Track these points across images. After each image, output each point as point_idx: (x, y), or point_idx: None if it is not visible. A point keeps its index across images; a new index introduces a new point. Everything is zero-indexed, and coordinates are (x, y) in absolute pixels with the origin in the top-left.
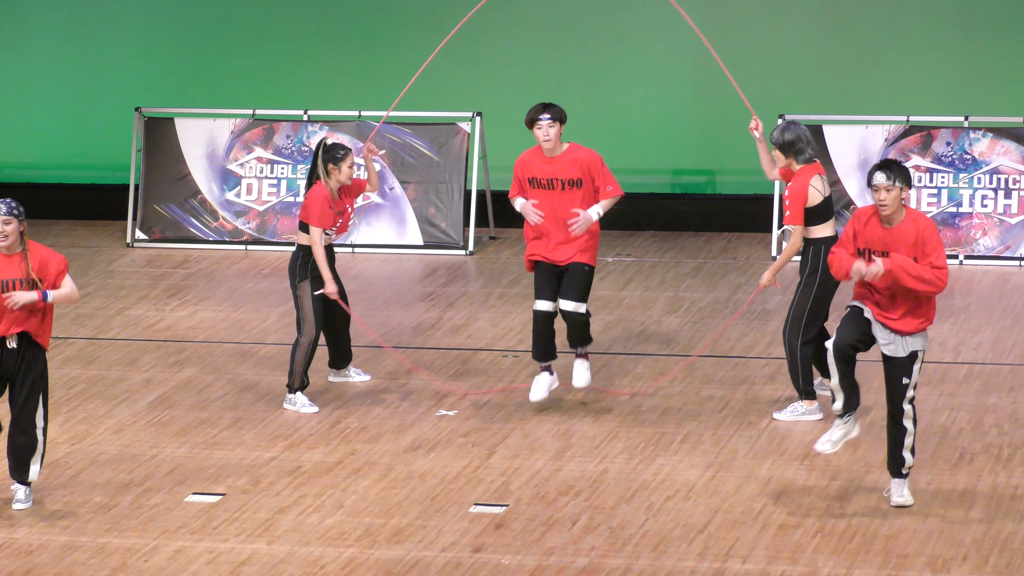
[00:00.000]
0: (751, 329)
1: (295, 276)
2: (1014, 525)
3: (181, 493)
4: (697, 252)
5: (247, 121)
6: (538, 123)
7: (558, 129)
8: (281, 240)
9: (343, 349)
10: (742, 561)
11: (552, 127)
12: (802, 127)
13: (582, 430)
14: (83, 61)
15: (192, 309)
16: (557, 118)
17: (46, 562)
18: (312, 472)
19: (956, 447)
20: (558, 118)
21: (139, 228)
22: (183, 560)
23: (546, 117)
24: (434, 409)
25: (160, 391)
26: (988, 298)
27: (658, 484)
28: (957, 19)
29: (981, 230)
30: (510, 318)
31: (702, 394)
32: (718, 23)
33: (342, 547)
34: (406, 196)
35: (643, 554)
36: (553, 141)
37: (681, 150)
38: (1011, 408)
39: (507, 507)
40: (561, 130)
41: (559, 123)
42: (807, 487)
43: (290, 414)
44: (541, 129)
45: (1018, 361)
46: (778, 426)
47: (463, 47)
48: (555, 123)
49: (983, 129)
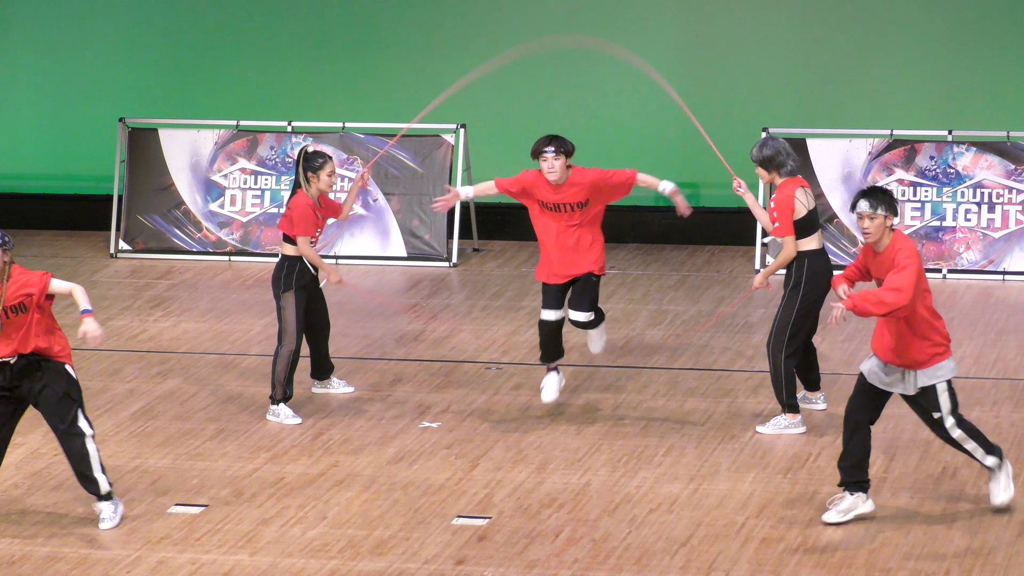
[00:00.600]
0: (734, 342)
1: (279, 287)
2: (996, 539)
3: (164, 504)
4: (680, 265)
5: (231, 132)
6: (543, 155)
7: (563, 162)
8: (265, 251)
9: (324, 359)
10: (725, 574)
11: (557, 159)
12: (780, 140)
13: (565, 442)
14: (67, 72)
15: (175, 320)
16: (563, 151)
17: (28, 573)
18: (295, 484)
19: (939, 461)
20: (563, 151)
21: (123, 239)
22: (165, 571)
23: (551, 150)
24: (417, 421)
25: (143, 402)
26: (971, 312)
27: (641, 497)
28: (941, 34)
29: (964, 244)
30: (493, 330)
31: (685, 407)
32: (704, 39)
33: (325, 559)
34: (390, 208)
35: (626, 567)
36: (558, 173)
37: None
38: (994, 422)
39: (490, 519)
40: (567, 163)
41: (564, 156)
42: (790, 500)
43: (273, 425)
44: (546, 162)
45: (1001, 375)
46: (761, 439)
47: (447, 60)
48: (560, 155)
49: (967, 143)
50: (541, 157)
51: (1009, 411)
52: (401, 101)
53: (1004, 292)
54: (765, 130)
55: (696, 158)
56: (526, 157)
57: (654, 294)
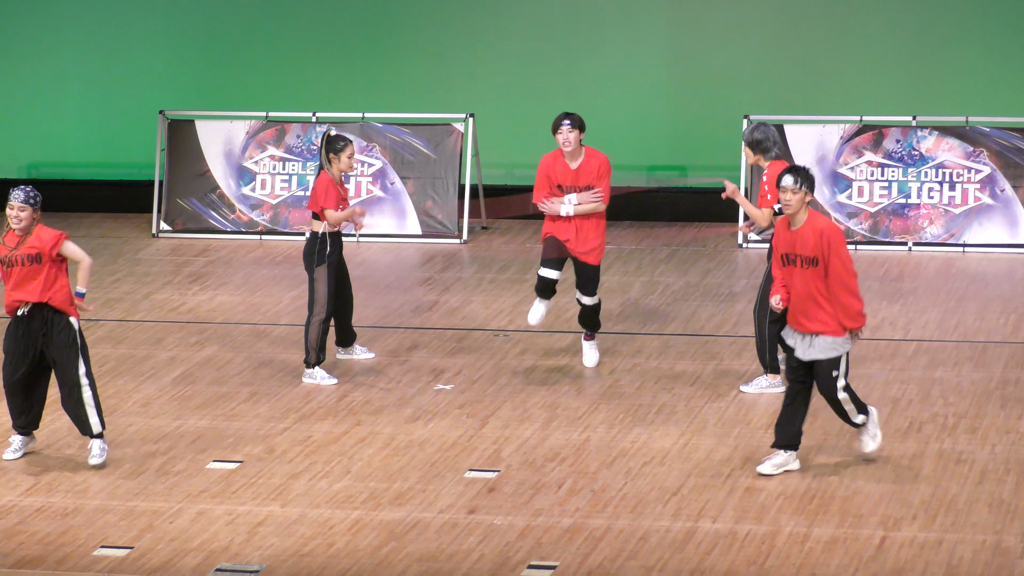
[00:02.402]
0: (720, 310)
1: (312, 261)
2: (958, 487)
3: (203, 461)
4: (670, 241)
5: (261, 123)
6: (560, 128)
7: (577, 135)
8: (292, 231)
9: (348, 328)
10: (712, 521)
11: (571, 132)
12: (771, 128)
13: (566, 403)
14: (111, 70)
15: (212, 293)
16: (576, 125)
17: (80, 524)
18: (321, 441)
19: (906, 417)
20: (577, 125)
21: (163, 220)
22: (205, 521)
23: (567, 123)
24: (432, 384)
25: (183, 368)
26: (934, 281)
27: (636, 451)
28: (906, 27)
29: (928, 219)
30: (501, 300)
31: (675, 369)
32: (690, 33)
33: (349, 509)
34: (406, 190)
35: (622, 515)
36: (573, 145)
37: (654, 148)
38: (956, 381)
39: (499, 472)
40: (581, 136)
41: (578, 130)
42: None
43: (302, 388)
44: (562, 134)
45: (962, 338)
46: (744, 398)
47: (457, 56)
48: (574, 129)
49: (929, 128)
50: (559, 130)
51: (969, 371)
52: (415, 93)
53: (964, 263)
54: (746, 117)
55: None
56: (529, 143)
57: (646, 267)
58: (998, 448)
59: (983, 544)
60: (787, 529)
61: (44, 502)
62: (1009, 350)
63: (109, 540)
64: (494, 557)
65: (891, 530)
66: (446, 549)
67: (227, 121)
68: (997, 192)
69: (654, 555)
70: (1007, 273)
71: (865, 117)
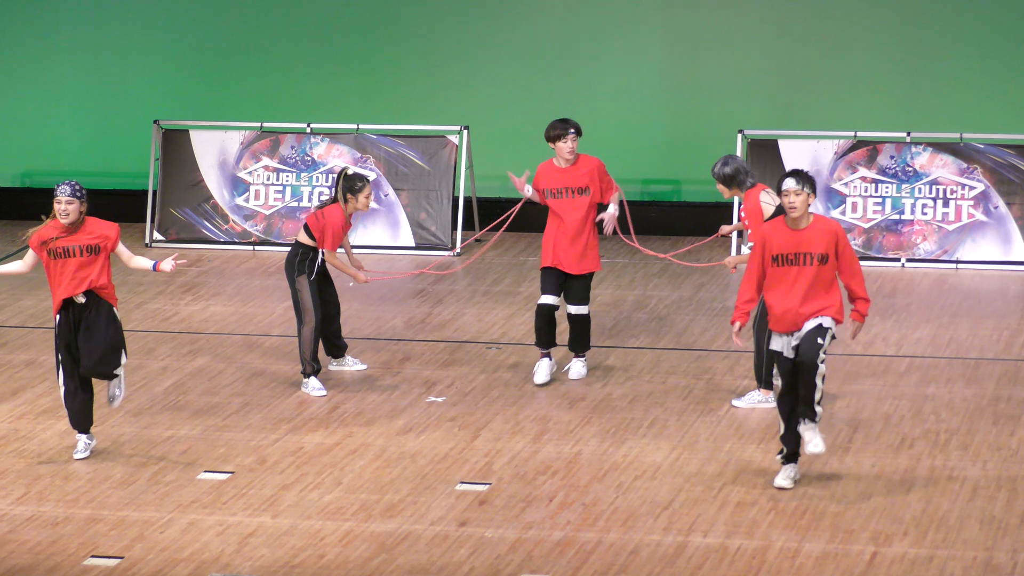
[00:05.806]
0: (712, 324)
1: (293, 271)
2: (950, 504)
3: (194, 471)
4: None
5: (255, 133)
6: (566, 138)
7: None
8: (285, 241)
9: (337, 339)
10: (703, 535)
11: (576, 141)
12: (739, 159)
13: (558, 416)
14: (106, 78)
15: (204, 304)
16: (579, 133)
17: (71, 533)
18: (313, 452)
19: (898, 433)
20: (579, 133)
21: (157, 230)
22: (195, 532)
23: (572, 131)
24: (424, 396)
25: (175, 378)
26: (927, 298)
27: (627, 465)
28: (900, 43)
29: (921, 236)
30: (493, 313)
31: (668, 383)
32: (683, 46)
33: (340, 521)
34: (399, 202)
35: (613, 528)
36: (575, 152)
37: (648, 161)
38: (948, 397)
39: (490, 485)
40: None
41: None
42: (762, 468)
43: (293, 399)
44: (567, 143)
45: (954, 355)
46: (736, 412)
47: (452, 68)
48: (578, 137)
49: (924, 144)
50: (562, 139)
51: (962, 387)
52: (410, 104)
53: (957, 279)
54: (741, 132)
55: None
56: (523, 155)
57: (639, 281)
58: (990, 465)
59: (974, 561)
60: (778, 544)
61: (35, 511)
62: (1001, 367)
63: (100, 549)
64: (485, 570)
65: (882, 546)
66: (437, 561)
67: (221, 131)
68: (991, 209)
69: (645, 569)
70: (1000, 290)
71: (859, 133)
